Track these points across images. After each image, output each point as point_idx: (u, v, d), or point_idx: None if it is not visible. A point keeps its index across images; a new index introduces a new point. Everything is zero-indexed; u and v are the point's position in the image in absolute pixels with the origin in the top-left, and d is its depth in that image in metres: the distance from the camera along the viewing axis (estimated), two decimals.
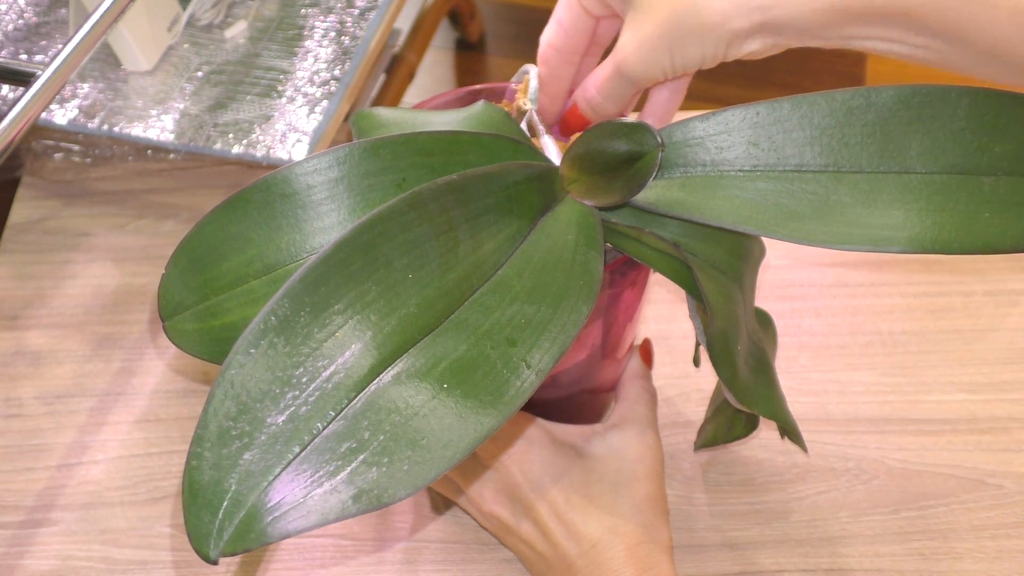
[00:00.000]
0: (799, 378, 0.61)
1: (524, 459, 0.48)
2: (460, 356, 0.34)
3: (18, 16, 0.78)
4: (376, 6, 0.79)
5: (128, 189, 0.73)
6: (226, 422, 0.31)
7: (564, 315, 0.36)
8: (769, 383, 0.46)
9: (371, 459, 0.31)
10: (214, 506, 0.30)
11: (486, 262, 0.37)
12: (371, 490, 0.30)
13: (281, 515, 0.30)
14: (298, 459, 0.31)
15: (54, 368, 0.63)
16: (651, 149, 0.39)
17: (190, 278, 0.38)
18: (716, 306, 0.40)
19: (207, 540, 0.30)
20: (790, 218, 0.38)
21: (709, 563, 0.54)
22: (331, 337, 0.32)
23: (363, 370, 0.32)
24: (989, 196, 0.37)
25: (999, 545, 0.54)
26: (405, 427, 0.31)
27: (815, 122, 0.38)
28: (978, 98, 0.37)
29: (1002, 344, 0.63)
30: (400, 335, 0.33)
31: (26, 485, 0.58)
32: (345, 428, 0.31)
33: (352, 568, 0.54)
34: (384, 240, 0.34)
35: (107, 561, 0.55)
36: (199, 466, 0.30)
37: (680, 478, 0.57)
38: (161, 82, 0.74)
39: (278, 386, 0.31)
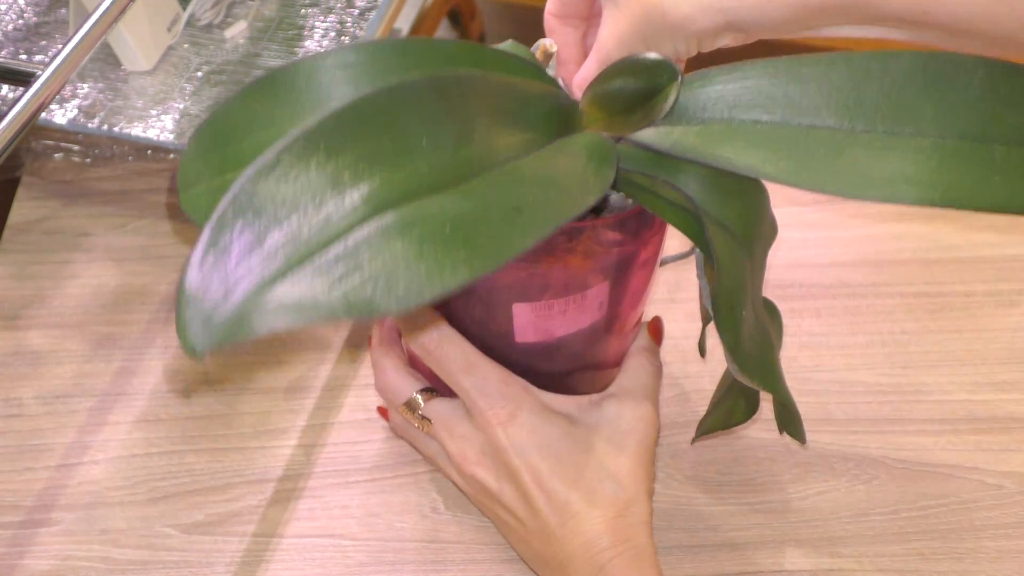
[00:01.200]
0: (799, 378, 0.61)
1: (512, 423, 0.48)
2: (464, 211, 0.35)
3: (18, 16, 0.78)
4: (376, 6, 0.79)
5: (128, 189, 0.73)
6: (227, 236, 0.31)
7: (571, 199, 0.37)
8: (770, 357, 0.46)
9: (367, 280, 0.32)
10: (206, 304, 0.31)
11: (499, 153, 0.38)
12: (363, 301, 0.31)
13: (274, 311, 0.31)
14: (298, 272, 0.31)
15: (54, 368, 0.63)
16: (669, 82, 0.40)
17: (210, 154, 0.39)
18: (723, 263, 0.40)
19: (195, 334, 0.30)
20: (803, 167, 0.38)
21: (709, 563, 0.54)
22: (341, 176, 0.33)
23: (369, 208, 0.33)
24: (1001, 164, 0.38)
25: (999, 545, 0.54)
26: (404, 255, 0.32)
27: (833, 81, 0.39)
28: (994, 69, 0.38)
29: (1002, 344, 0.63)
30: (408, 186, 0.34)
31: (26, 485, 0.58)
32: (346, 251, 0.32)
33: (352, 568, 0.54)
34: (403, 107, 0.35)
35: (107, 561, 0.55)
36: (195, 273, 0.31)
37: (680, 478, 0.57)
38: (161, 82, 0.74)
39: (284, 209, 0.32)
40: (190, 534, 0.56)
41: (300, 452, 0.59)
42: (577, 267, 0.45)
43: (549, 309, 0.46)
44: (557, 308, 0.46)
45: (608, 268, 0.46)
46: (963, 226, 0.69)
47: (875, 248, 0.68)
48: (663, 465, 0.58)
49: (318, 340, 0.64)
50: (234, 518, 0.56)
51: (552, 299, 0.46)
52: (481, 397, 0.48)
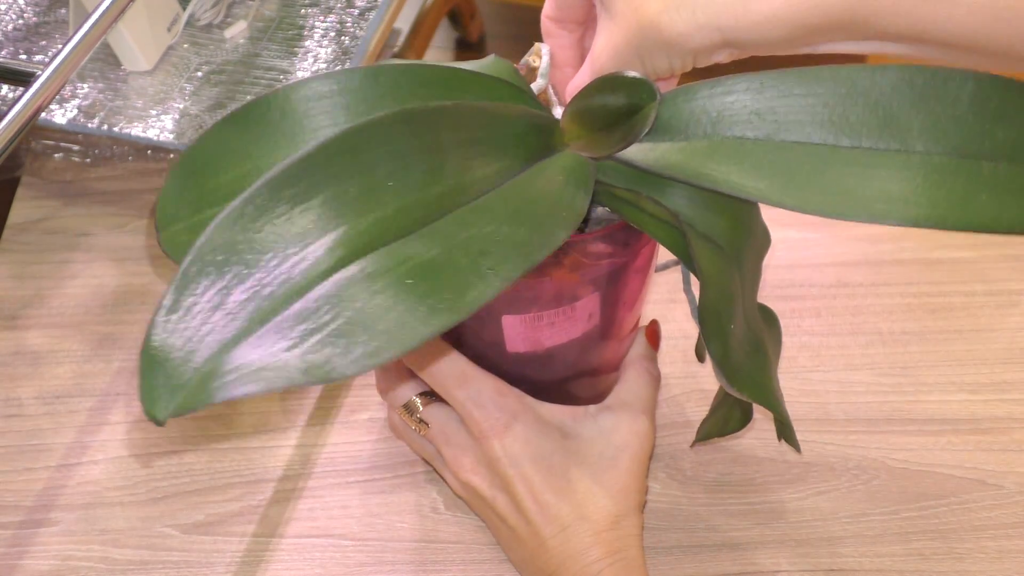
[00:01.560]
0: (799, 378, 0.61)
1: (507, 434, 0.48)
2: (429, 258, 0.34)
3: (18, 16, 0.78)
4: (376, 6, 0.79)
5: (128, 189, 0.73)
6: (190, 296, 0.31)
7: (541, 237, 0.36)
8: (763, 371, 0.46)
9: (327, 339, 0.31)
10: (169, 368, 0.31)
11: (472, 187, 0.37)
12: (322, 365, 0.31)
13: (233, 380, 0.31)
14: (259, 333, 0.31)
15: (54, 368, 0.63)
16: (648, 101, 0.39)
17: (187, 190, 0.40)
18: (709, 276, 0.40)
19: (157, 402, 0.31)
20: (788, 186, 0.38)
21: (709, 563, 0.54)
22: (305, 228, 0.33)
23: (331, 260, 0.33)
24: (988, 180, 0.37)
25: (999, 545, 0.54)
26: (363, 314, 0.32)
27: (819, 96, 0.39)
28: (983, 83, 0.37)
29: (1002, 344, 0.63)
30: (373, 234, 0.34)
31: (26, 485, 0.58)
32: (306, 310, 0.32)
33: (352, 568, 0.54)
34: (369, 147, 0.35)
35: (107, 561, 0.55)
36: (159, 334, 0.31)
37: (680, 478, 0.57)
38: (161, 82, 0.74)
39: (246, 267, 0.32)
40: (190, 534, 0.56)
41: (300, 452, 0.59)
42: (565, 280, 0.45)
43: (539, 320, 0.46)
44: (547, 319, 0.46)
45: (598, 280, 0.46)
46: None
47: (875, 248, 0.68)
48: (663, 465, 0.58)
49: None
50: (234, 518, 0.56)
51: (541, 311, 0.46)
52: (476, 408, 0.48)
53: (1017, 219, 0.36)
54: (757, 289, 0.47)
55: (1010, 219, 0.37)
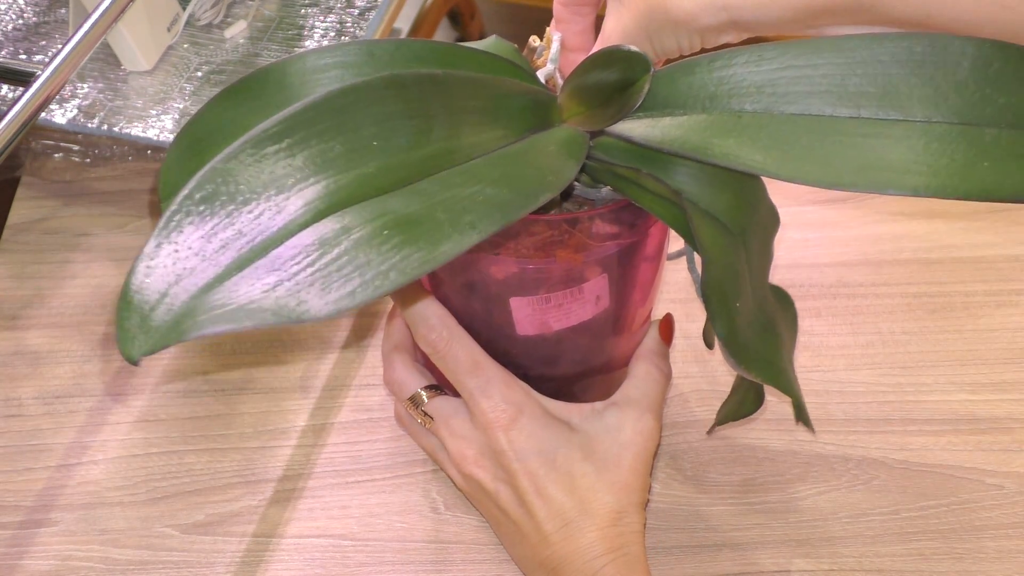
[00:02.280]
0: (799, 378, 0.61)
1: (513, 427, 0.48)
2: (408, 213, 0.35)
3: (18, 16, 0.78)
4: (376, 6, 0.79)
5: (128, 189, 0.73)
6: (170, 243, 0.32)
7: (523, 199, 0.36)
8: (774, 349, 0.46)
9: (302, 284, 0.32)
10: (143, 311, 0.31)
11: (459, 152, 0.38)
12: (295, 307, 0.32)
13: (205, 319, 0.31)
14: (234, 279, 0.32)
15: (54, 368, 0.63)
16: (641, 75, 0.40)
17: (188, 161, 0.41)
18: (712, 253, 0.40)
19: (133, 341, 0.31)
20: (785, 157, 0.38)
21: (709, 563, 0.54)
22: (286, 182, 0.34)
23: (310, 213, 0.34)
24: (990, 147, 0.37)
25: (999, 545, 0.54)
26: (338, 262, 0.33)
27: (818, 67, 0.39)
28: (984, 49, 0.37)
29: (1002, 344, 0.63)
30: (353, 189, 0.35)
31: (26, 485, 0.58)
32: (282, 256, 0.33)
33: (352, 568, 0.54)
34: (356, 108, 0.36)
35: (107, 561, 0.55)
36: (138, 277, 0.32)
37: (680, 478, 0.57)
38: (161, 82, 0.74)
39: (227, 216, 0.33)
40: (190, 534, 0.56)
41: (300, 452, 0.59)
42: (572, 261, 0.45)
43: (547, 303, 0.46)
44: (555, 301, 0.46)
45: (606, 261, 0.46)
46: (963, 226, 0.69)
47: (875, 248, 0.68)
48: (663, 465, 0.58)
49: (318, 340, 0.64)
50: (234, 518, 0.56)
51: (549, 292, 0.46)
52: (484, 399, 0.48)
53: (1019, 185, 0.36)
54: (768, 269, 0.47)
55: (1012, 186, 0.36)
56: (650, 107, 0.41)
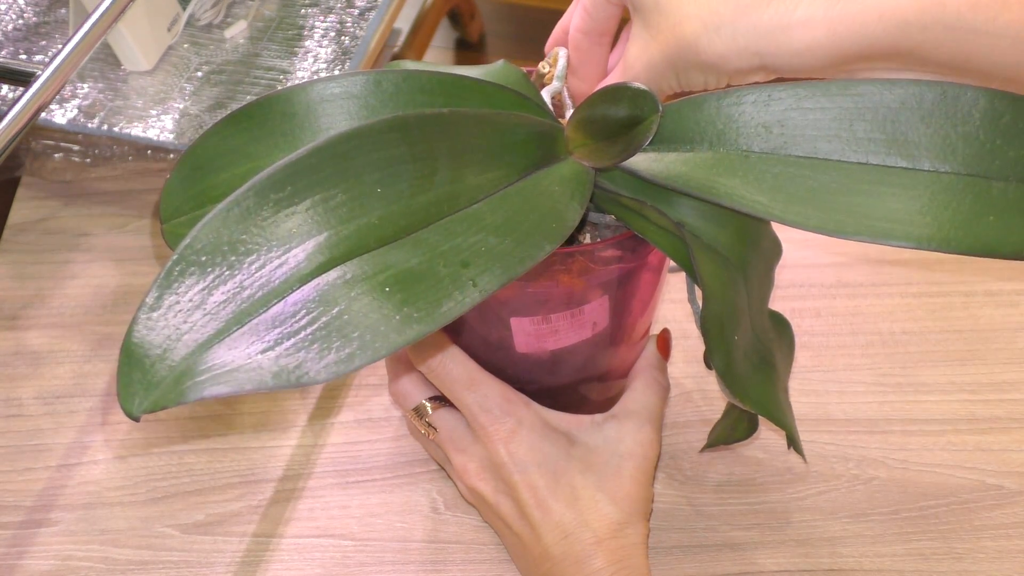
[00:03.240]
0: (799, 378, 0.61)
1: (512, 439, 0.48)
2: (410, 267, 0.34)
3: (18, 16, 0.78)
4: (376, 6, 0.79)
5: (128, 189, 0.73)
6: (172, 295, 0.32)
7: (525, 249, 0.36)
8: (769, 382, 0.46)
9: (301, 344, 0.32)
10: (145, 367, 0.31)
11: (462, 195, 0.37)
12: (294, 370, 0.31)
13: (205, 380, 0.31)
14: (235, 335, 0.32)
15: (54, 368, 0.63)
16: (650, 114, 0.39)
17: (190, 186, 0.41)
18: (712, 288, 0.40)
19: (133, 398, 0.31)
20: (790, 202, 0.38)
21: (709, 563, 0.54)
22: (289, 232, 0.33)
23: (312, 265, 0.33)
24: (997, 200, 0.36)
25: (999, 545, 0.54)
26: (339, 320, 0.32)
27: (828, 110, 0.38)
28: (996, 100, 0.37)
29: (1002, 344, 0.63)
30: (355, 240, 0.34)
31: (26, 485, 0.58)
32: (283, 313, 0.32)
33: (352, 568, 0.54)
34: (358, 153, 0.35)
35: (107, 561, 0.55)
36: (140, 331, 0.31)
37: (680, 478, 0.57)
38: (161, 82, 0.74)
39: (228, 269, 0.32)
40: (190, 534, 0.56)
41: (300, 452, 0.59)
42: (574, 285, 0.45)
43: (547, 323, 0.46)
44: (556, 322, 0.46)
45: (608, 284, 0.46)
46: None
47: (875, 248, 0.68)
48: (663, 465, 0.58)
49: None
50: (234, 518, 0.56)
51: (549, 313, 0.46)
52: (482, 413, 0.49)
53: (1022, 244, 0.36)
54: (768, 297, 0.47)
55: (1016, 243, 0.36)
56: (657, 141, 0.41)
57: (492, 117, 0.40)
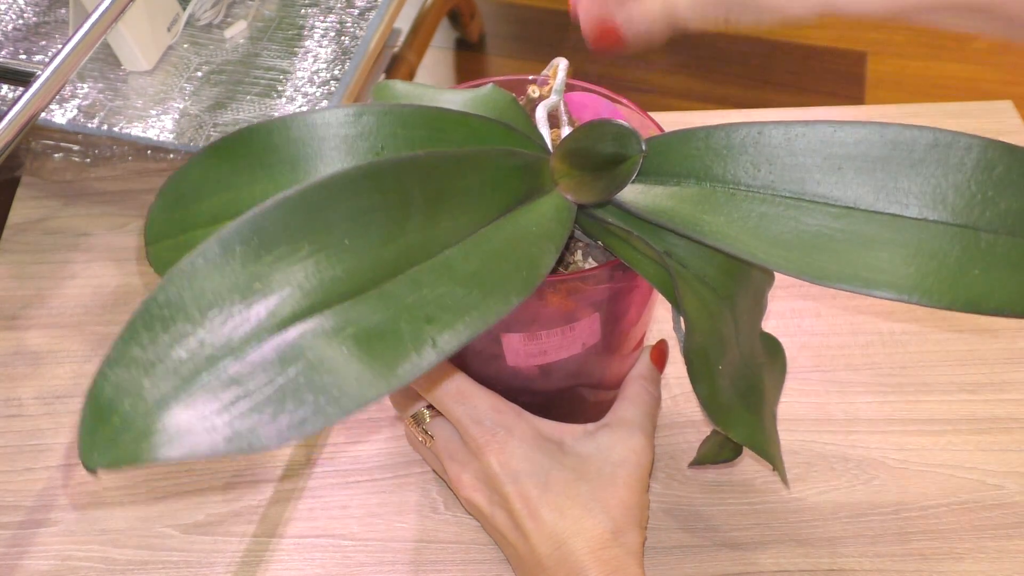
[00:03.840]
0: (799, 378, 0.61)
1: (503, 450, 0.48)
2: (372, 324, 0.34)
3: (18, 16, 0.78)
4: (376, 6, 0.79)
5: (128, 189, 0.73)
6: (136, 349, 0.32)
7: (492, 302, 0.36)
8: (755, 410, 0.45)
9: (256, 406, 0.31)
10: (106, 423, 0.31)
11: (435, 241, 0.37)
12: (246, 435, 0.31)
13: (162, 442, 0.31)
14: (190, 394, 0.32)
15: (54, 368, 0.63)
16: (634, 154, 0.39)
17: (173, 212, 0.41)
18: (696, 321, 0.39)
19: (93, 452, 0.31)
20: (773, 245, 0.37)
21: (709, 563, 0.54)
22: (251, 287, 0.33)
23: (272, 322, 0.33)
24: (984, 253, 0.35)
25: (999, 545, 0.54)
26: (294, 382, 0.32)
27: (817, 151, 0.38)
28: (990, 150, 0.36)
29: (1002, 344, 0.63)
30: (319, 295, 0.34)
31: (26, 485, 0.58)
32: (241, 373, 0.32)
33: (352, 568, 0.54)
34: (328, 204, 0.35)
35: (107, 561, 0.55)
36: (102, 385, 0.31)
37: (680, 478, 0.57)
38: (161, 82, 0.74)
39: (191, 324, 0.32)
40: (190, 534, 0.56)
41: (300, 452, 0.59)
42: (563, 305, 0.45)
43: (537, 340, 0.46)
44: (546, 339, 0.46)
45: (599, 302, 0.46)
46: None
47: None
48: (663, 465, 0.58)
49: None
50: (234, 518, 0.56)
51: (540, 330, 0.46)
52: (473, 425, 0.48)
53: (1006, 299, 0.35)
54: (759, 322, 0.47)
55: (999, 299, 0.35)
56: (645, 172, 0.40)
57: (472, 156, 0.39)
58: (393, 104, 0.41)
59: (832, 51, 1.78)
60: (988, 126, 0.75)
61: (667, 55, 1.75)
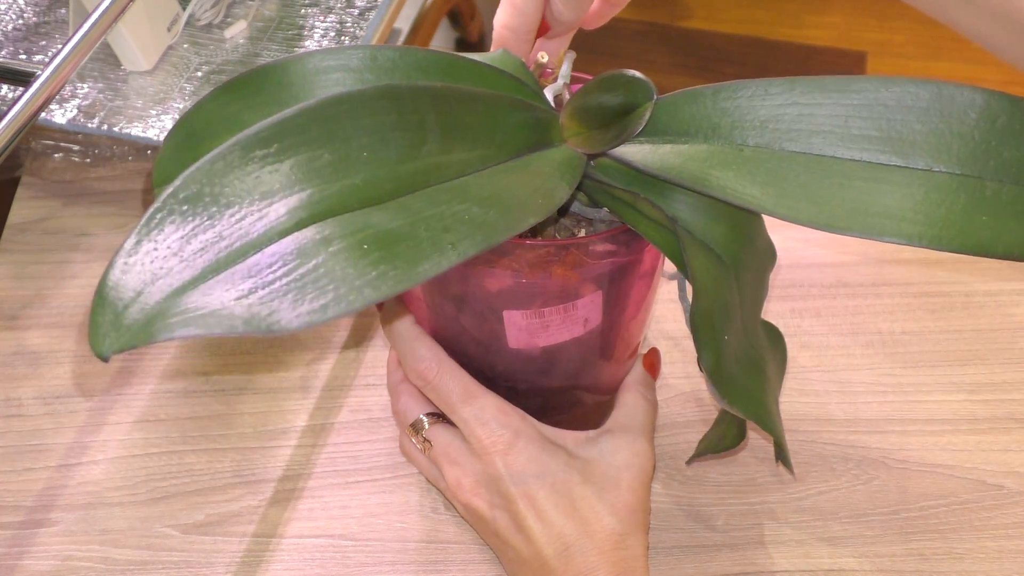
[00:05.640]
0: (799, 378, 0.61)
1: (510, 452, 0.48)
2: (390, 228, 0.34)
3: (18, 16, 0.78)
4: (376, 6, 0.79)
5: (128, 189, 0.73)
6: (152, 241, 0.32)
7: (508, 221, 0.36)
8: (759, 386, 0.45)
9: (275, 293, 0.32)
10: (119, 307, 0.31)
11: (450, 167, 0.37)
12: (266, 317, 0.31)
13: (176, 321, 0.31)
14: (210, 282, 0.32)
15: (54, 368, 0.63)
16: (644, 101, 0.39)
17: (183, 152, 0.40)
18: (703, 284, 0.40)
19: (104, 339, 0.31)
20: (782, 196, 0.38)
21: (709, 563, 0.54)
22: (271, 188, 0.33)
23: (291, 221, 0.33)
24: (990, 201, 0.36)
25: (1000, 545, 0.54)
26: (314, 273, 0.32)
27: (824, 106, 0.38)
28: (992, 101, 0.36)
29: (1002, 344, 0.63)
30: (338, 200, 0.34)
31: (26, 485, 0.58)
32: (259, 264, 0.32)
33: (352, 568, 0.54)
34: (347, 117, 0.35)
35: (107, 561, 0.55)
36: (117, 273, 0.31)
37: (680, 478, 0.57)
38: (161, 82, 0.74)
39: (209, 219, 0.32)
40: (190, 534, 0.56)
41: (300, 452, 0.59)
42: (567, 278, 0.45)
43: (540, 317, 0.46)
44: (548, 316, 0.46)
45: (601, 278, 0.46)
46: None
47: (875, 248, 0.68)
48: (663, 465, 0.58)
49: (318, 340, 0.64)
50: (234, 518, 0.56)
51: (543, 307, 0.46)
52: (479, 426, 0.48)
53: (1016, 243, 0.36)
54: (761, 305, 0.47)
55: (1008, 242, 0.36)
56: (652, 132, 0.41)
57: (487, 96, 0.40)
58: (409, 47, 0.42)
59: (832, 51, 1.78)
60: None
61: (667, 55, 1.75)
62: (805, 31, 1.82)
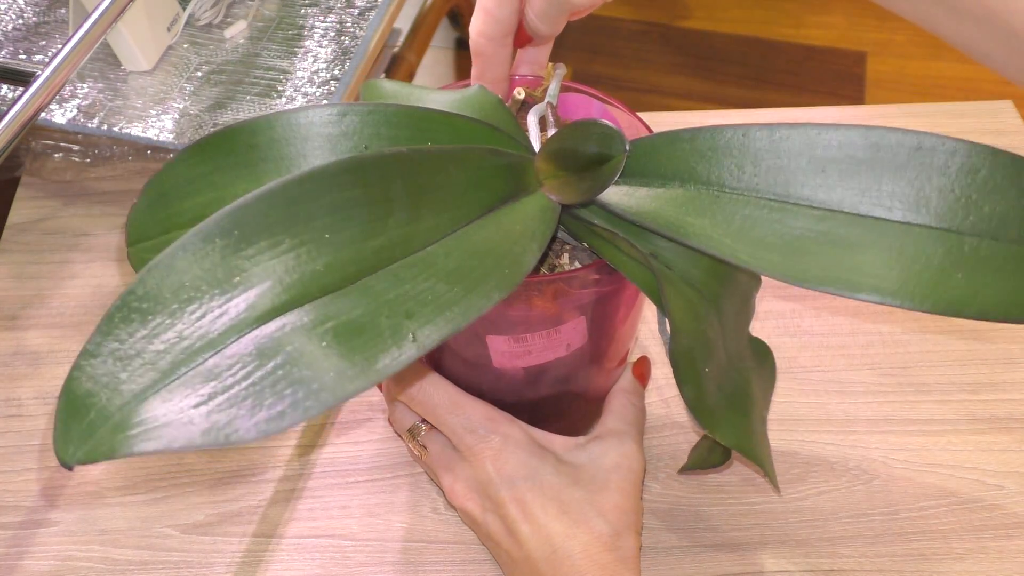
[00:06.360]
0: (799, 378, 0.61)
1: (499, 456, 0.49)
2: (352, 319, 0.34)
3: (18, 16, 0.78)
4: (376, 6, 0.79)
5: (128, 189, 0.73)
6: (113, 342, 0.32)
7: (474, 299, 0.35)
8: (743, 413, 0.45)
9: (234, 399, 0.31)
10: (82, 416, 0.31)
11: (417, 237, 0.37)
12: (224, 428, 0.31)
13: (137, 435, 0.31)
14: (168, 387, 0.31)
15: (54, 368, 0.63)
16: (617, 154, 0.39)
17: (155, 211, 0.41)
18: (681, 323, 0.39)
19: (69, 446, 0.31)
20: (757, 247, 0.37)
21: (709, 563, 0.54)
22: (231, 281, 0.33)
23: (252, 316, 0.33)
24: (968, 257, 0.35)
25: (1000, 545, 0.54)
26: (272, 377, 0.32)
27: (803, 154, 0.37)
28: (973, 154, 0.36)
29: (1002, 344, 0.63)
30: (299, 289, 0.34)
31: (26, 485, 0.58)
32: (219, 366, 0.32)
33: (352, 568, 0.54)
34: (309, 198, 0.35)
35: (107, 561, 0.55)
36: (79, 378, 0.31)
37: (680, 478, 0.57)
38: (161, 82, 0.74)
39: (169, 317, 0.32)
40: (190, 534, 0.56)
41: (300, 452, 0.59)
42: (548, 309, 0.45)
43: (523, 342, 0.46)
44: (531, 341, 0.46)
45: (584, 305, 0.46)
46: None
47: None
48: (663, 465, 0.58)
49: None
50: (234, 518, 0.56)
51: (525, 333, 0.46)
52: (468, 433, 0.49)
53: (990, 304, 0.35)
54: (747, 326, 0.47)
55: (982, 302, 0.35)
56: (629, 174, 0.40)
57: (457, 154, 0.39)
58: (378, 103, 0.41)
59: (832, 51, 1.78)
60: (988, 126, 0.75)
61: (667, 55, 1.75)
62: (805, 31, 1.82)
